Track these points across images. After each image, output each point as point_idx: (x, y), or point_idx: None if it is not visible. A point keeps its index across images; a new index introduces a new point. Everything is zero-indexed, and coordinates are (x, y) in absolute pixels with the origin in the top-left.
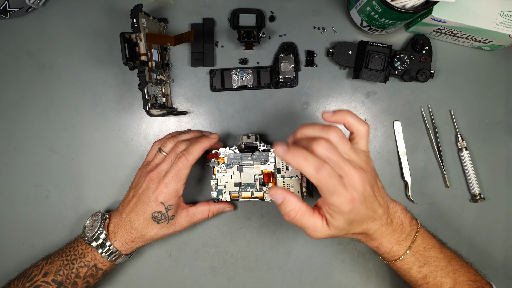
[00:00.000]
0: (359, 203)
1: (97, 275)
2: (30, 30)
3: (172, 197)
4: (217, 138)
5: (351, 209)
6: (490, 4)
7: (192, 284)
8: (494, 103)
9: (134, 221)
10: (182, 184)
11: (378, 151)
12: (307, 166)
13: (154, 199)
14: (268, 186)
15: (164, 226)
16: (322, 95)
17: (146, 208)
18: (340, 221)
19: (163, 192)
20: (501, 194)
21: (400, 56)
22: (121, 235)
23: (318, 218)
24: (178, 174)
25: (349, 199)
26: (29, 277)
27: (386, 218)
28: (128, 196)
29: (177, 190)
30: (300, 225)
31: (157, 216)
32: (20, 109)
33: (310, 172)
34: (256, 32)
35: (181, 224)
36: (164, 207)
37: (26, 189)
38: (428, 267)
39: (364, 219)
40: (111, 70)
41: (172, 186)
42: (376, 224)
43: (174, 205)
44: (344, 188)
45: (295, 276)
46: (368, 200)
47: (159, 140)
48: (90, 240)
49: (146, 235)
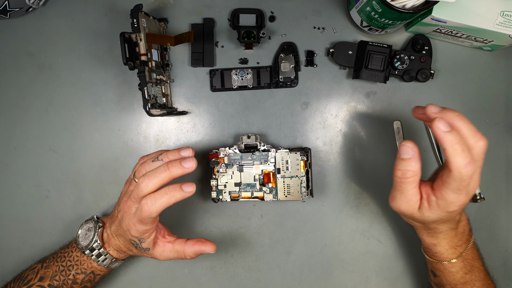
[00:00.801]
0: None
1: (94, 280)
2: (30, 30)
3: (142, 234)
4: (192, 192)
5: (453, 211)
6: (490, 4)
7: (192, 284)
8: (494, 103)
9: (120, 238)
10: (150, 225)
11: (378, 151)
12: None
13: (127, 230)
14: (268, 186)
15: (142, 252)
16: (322, 95)
17: (124, 233)
18: (433, 214)
19: (133, 229)
20: (501, 194)
21: (400, 56)
22: (114, 245)
23: (418, 195)
24: (143, 221)
25: (461, 204)
26: (25, 280)
27: (455, 223)
28: (114, 212)
29: (145, 230)
30: (401, 188)
31: (134, 243)
32: (20, 109)
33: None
34: (256, 32)
35: (158, 257)
36: (137, 239)
37: (26, 189)
38: (471, 275)
39: (453, 217)
40: (111, 70)
41: (140, 227)
42: (447, 225)
43: (146, 240)
44: (466, 192)
45: (295, 276)
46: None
47: (144, 156)
48: (84, 249)
49: (132, 250)
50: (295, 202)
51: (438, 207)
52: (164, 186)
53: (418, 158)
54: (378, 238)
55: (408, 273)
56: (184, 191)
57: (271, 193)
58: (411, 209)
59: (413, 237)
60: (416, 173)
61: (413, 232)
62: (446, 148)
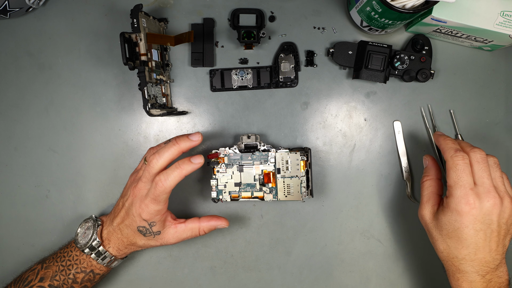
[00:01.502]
0: (473, 218)
1: (94, 279)
2: (30, 30)
3: (154, 216)
4: (201, 164)
5: (464, 211)
6: (490, 4)
7: (192, 284)
8: (494, 103)
9: (124, 231)
10: (163, 206)
11: (378, 151)
12: (452, 146)
13: (138, 215)
14: (268, 186)
15: (151, 239)
16: (322, 95)
17: (132, 222)
18: (445, 216)
19: (145, 211)
20: None
21: (400, 56)
22: (114, 242)
23: (434, 202)
24: (156, 199)
25: (468, 200)
26: (26, 282)
27: (486, 271)
28: (118, 205)
29: (157, 210)
30: (421, 193)
31: (142, 230)
32: (20, 109)
33: (450, 151)
34: (256, 32)
35: (169, 240)
36: (148, 223)
37: (26, 189)
38: None
39: (466, 244)
40: (111, 70)
41: (152, 207)
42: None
43: (157, 222)
44: (470, 186)
45: (295, 276)
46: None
47: (152, 148)
48: (84, 247)
49: (137, 243)
50: (295, 202)
51: (449, 207)
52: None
53: (436, 166)
54: (378, 238)
55: (408, 273)
56: (193, 163)
57: (271, 193)
58: (428, 213)
59: (413, 237)
60: (431, 178)
61: (413, 232)
62: (438, 144)
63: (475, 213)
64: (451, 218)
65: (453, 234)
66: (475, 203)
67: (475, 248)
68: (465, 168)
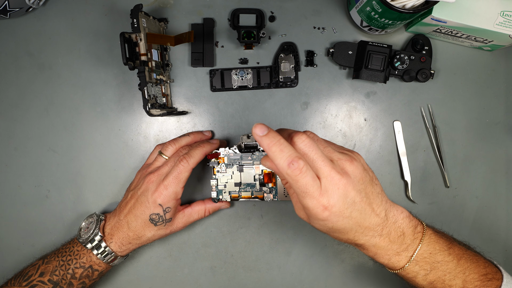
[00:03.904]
0: (338, 212)
1: (92, 276)
2: (30, 30)
3: (171, 200)
4: (218, 144)
5: (326, 217)
6: (490, 4)
7: (192, 284)
8: (494, 103)
9: (132, 223)
10: (182, 187)
11: (378, 151)
12: (281, 157)
13: (153, 201)
14: (268, 186)
15: (161, 228)
16: (322, 95)
17: (144, 210)
18: (317, 225)
19: (162, 194)
20: (501, 194)
21: (400, 56)
22: (117, 237)
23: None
24: (178, 176)
25: (323, 205)
26: (26, 276)
27: (381, 229)
28: (126, 197)
29: (176, 192)
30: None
31: (155, 218)
32: (20, 109)
33: (282, 165)
34: (256, 32)
35: (178, 225)
36: (162, 209)
37: (26, 189)
38: (435, 273)
39: (348, 229)
40: (111, 70)
41: (172, 188)
42: (366, 235)
43: (172, 208)
44: (318, 191)
45: (295, 276)
46: (354, 208)
47: (161, 144)
48: (85, 241)
49: (143, 236)
50: None
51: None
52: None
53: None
54: None
55: None
56: (212, 143)
57: (271, 193)
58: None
59: None
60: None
61: None
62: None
63: (336, 210)
64: (321, 223)
65: (333, 231)
66: (329, 201)
67: (357, 225)
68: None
